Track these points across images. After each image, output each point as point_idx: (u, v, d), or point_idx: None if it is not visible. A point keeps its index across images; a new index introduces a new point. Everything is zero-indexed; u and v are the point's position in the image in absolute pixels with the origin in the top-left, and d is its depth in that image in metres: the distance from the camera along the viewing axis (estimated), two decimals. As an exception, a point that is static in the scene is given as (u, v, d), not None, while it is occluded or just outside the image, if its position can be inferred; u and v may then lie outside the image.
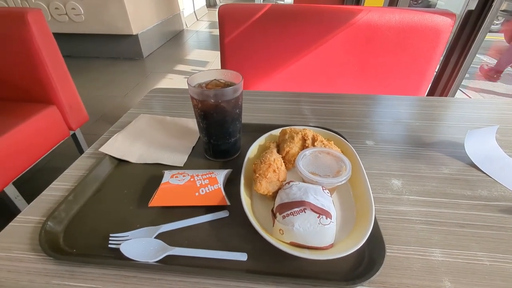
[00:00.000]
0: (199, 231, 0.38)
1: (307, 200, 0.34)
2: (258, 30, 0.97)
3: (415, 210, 0.42)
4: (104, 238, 0.36)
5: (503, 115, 0.67)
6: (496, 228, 0.39)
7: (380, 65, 0.98)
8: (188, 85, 0.44)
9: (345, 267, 0.33)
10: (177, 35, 4.02)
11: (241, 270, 0.33)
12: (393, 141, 0.57)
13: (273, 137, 0.53)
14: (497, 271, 0.33)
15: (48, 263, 0.34)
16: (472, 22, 0.97)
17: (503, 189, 0.45)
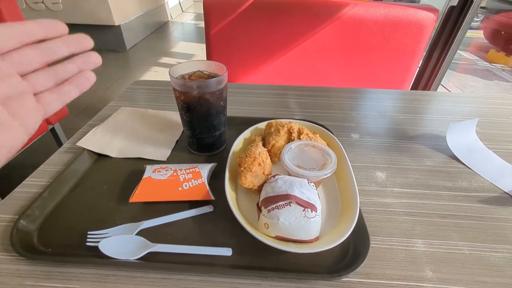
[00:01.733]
0: (183, 227, 0.37)
1: (292, 194, 0.33)
2: (244, 23, 0.95)
3: (399, 201, 0.42)
4: (82, 236, 0.35)
5: (482, 109, 0.69)
6: (475, 218, 0.40)
7: (366, 59, 0.98)
8: (170, 76, 0.42)
9: (330, 260, 0.33)
10: (162, 26, 3.92)
11: (226, 266, 0.33)
12: (378, 134, 0.58)
13: (258, 130, 0.52)
14: (476, 259, 0.34)
15: (21, 264, 0.32)
16: (454, 17, 0.99)
17: (482, 180, 0.47)
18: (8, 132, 0.24)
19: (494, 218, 0.40)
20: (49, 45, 0.26)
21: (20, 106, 0.25)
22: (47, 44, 0.26)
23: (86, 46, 0.27)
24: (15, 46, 0.25)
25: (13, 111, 0.24)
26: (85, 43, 0.27)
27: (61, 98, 0.27)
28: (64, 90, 0.27)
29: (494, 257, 0.35)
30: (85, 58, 0.28)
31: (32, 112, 0.26)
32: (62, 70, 0.27)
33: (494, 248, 0.36)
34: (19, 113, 0.25)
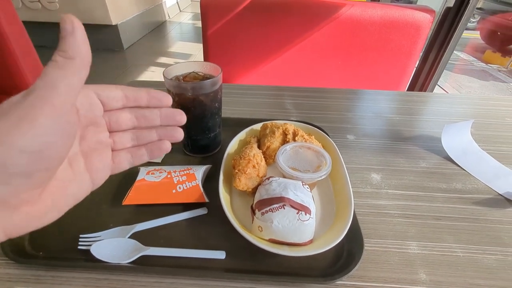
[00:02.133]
0: (176, 230, 0.37)
1: (286, 196, 0.33)
2: (241, 23, 0.95)
3: (393, 203, 0.42)
4: (74, 239, 0.34)
5: (478, 110, 0.69)
6: (469, 220, 0.40)
7: (363, 59, 0.98)
8: (164, 77, 0.42)
9: (324, 263, 0.33)
10: (159, 26, 3.90)
11: (219, 269, 0.33)
12: (374, 135, 0.58)
13: (254, 132, 0.52)
14: (470, 262, 0.34)
15: (11, 268, 0.32)
16: (450, 18, 1.00)
17: (476, 181, 0.47)
18: (79, 183, 0.24)
19: (488, 220, 0.40)
20: (146, 113, 0.27)
21: (97, 161, 0.25)
22: (144, 112, 0.27)
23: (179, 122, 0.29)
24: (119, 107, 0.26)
25: (90, 164, 0.25)
26: (179, 120, 0.28)
27: (133, 160, 0.28)
28: (138, 153, 0.28)
29: (487, 260, 0.35)
30: (169, 132, 0.29)
31: (105, 169, 0.26)
32: (145, 136, 0.28)
33: (487, 250, 0.36)
34: (94, 167, 0.25)
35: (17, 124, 0.17)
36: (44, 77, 0.18)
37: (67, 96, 0.19)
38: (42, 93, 0.18)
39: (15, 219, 0.19)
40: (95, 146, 0.25)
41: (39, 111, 0.17)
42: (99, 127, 0.26)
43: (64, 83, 0.18)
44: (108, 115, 0.26)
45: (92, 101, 0.24)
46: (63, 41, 0.19)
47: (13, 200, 0.18)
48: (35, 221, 0.20)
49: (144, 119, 0.27)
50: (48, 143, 0.18)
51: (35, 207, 0.20)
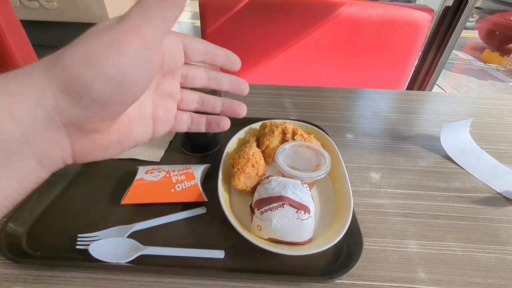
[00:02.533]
0: (175, 229, 0.37)
1: (285, 195, 0.33)
2: (240, 22, 0.95)
3: (392, 202, 0.42)
4: (72, 239, 0.34)
5: (476, 109, 0.69)
6: (468, 219, 0.40)
7: (361, 58, 0.98)
8: (163, 76, 0.42)
9: (323, 262, 0.33)
10: (158, 25, 3.89)
11: (218, 268, 0.32)
12: (373, 134, 0.58)
13: (253, 131, 0.51)
14: (469, 260, 0.34)
15: (9, 268, 0.32)
16: (449, 17, 1.00)
17: (475, 180, 0.47)
18: (142, 127, 0.24)
19: (487, 219, 0.40)
20: (217, 75, 0.28)
21: (163, 112, 0.25)
22: (216, 73, 0.28)
23: (243, 91, 0.30)
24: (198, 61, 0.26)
25: (156, 113, 0.25)
26: (243, 89, 0.29)
27: (191, 125, 0.29)
28: (198, 121, 0.29)
29: (486, 258, 0.35)
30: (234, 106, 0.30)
31: (167, 122, 0.26)
32: (211, 103, 0.29)
33: (486, 249, 0.36)
34: (158, 117, 0.25)
35: (107, 48, 0.17)
36: (139, 5, 0.18)
37: (159, 31, 0.18)
38: (135, 22, 0.18)
39: (84, 144, 0.20)
40: (165, 96, 0.25)
41: (129, 39, 0.17)
42: (174, 79, 0.26)
43: (158, 16, 0.18)
44: (186, 68, 0.26)
45: (177, 49, 0.24)
46: None
47: (87, 126, 0.19)
48: (99, 152, 0.21)
49: (215, 81, 0.28)
50: (130, 75, 0.18)
51: (103, 137, 0.20)
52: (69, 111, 0.17)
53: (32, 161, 0.17)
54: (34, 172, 0.18)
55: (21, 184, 0.17)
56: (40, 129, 0.17)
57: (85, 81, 0.17)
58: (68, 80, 0.17)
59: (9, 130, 0.16)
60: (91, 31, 0.18)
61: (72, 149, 0.19)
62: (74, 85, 0.17)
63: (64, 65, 0.17)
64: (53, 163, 0.19)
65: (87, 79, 0.17)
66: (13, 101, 0.16)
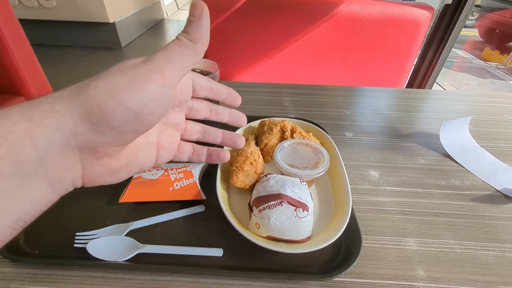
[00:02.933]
0: (173, 227, 0.37)
1: (284, 193, 0.33)
2: (239, 20, 0.95)
3: (391, 200, 0.42)
4: (70, 237, 0.34)
5: (476, 107, 0.69)
6: (467, 216, 0.40)
7: (361, 56, 0.98)
8: (161, 74, 0.42)
9: (322, 259, 0.33)
10: (157, 24, 3.88)
11: (216, 266, 0.32)
12: (372, 132, 0.58)
13: (251, 129, 0.51)
14: (468, 258, 0.34)
15: (6, 266, 0.32)
16: (449, 15, 0.99)
17: (475, 178, 0.47)
18: (147, 154, 0.26)
19: (486, 217, 0.40)
20: (219, 109, 0.31)
21: (167, 141, 0.27)
22: (217, 107, 0.31)
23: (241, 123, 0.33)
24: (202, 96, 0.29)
25: (161, 141, 0.27)
26: (241, 121, 0.33)
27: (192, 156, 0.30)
28: (199, 152, 0.31)
29: (485, 256, 0.35)
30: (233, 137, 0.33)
31: (170, 151, 0.28)
32: (211, 133, 0.31)
33: (485, 246, 0.36)
34: (162, 145, 0.27)
35: (132, 83, 0.19)
36: (165, 51, 0.21)
37: (179, 73, 0.21)
38: (159, 63, 0.20)
39: (95, 168, 0.21)
40: (171, 126, 0.27)
41: (152, 77, 0.20)
42: (181, 110, 0.28)
43: (180, 60, 0.21)
44: (192, 101, 0.28)
45: (188, 85, 0.27)
46: (190, 25, 0.21)
47: (100, 150, 0.20)
48: (108, 176, 0.22)
49: (216, 114, 0.31)
50: (148, 108, 0.20)
51: (113, 162, 0.22)
52: (86, 136, 0.19)
53: (45, 184, 0.18)
54: (45, 195, 0.19)
55: (32, 207, 0.18)
56: (56, 152, 0.18)
57: (106, 110, 0.18)
58: (91, 109, 0.18)
59: (27, 154, 0.17)
60: (118, 67, 0.20)
61: (83, 172, 0.20)
62: (96, 113, 0.18)
63: (89, 95, 0.18)
64: (63, 186, 0.20)
65: (108, 108, 0.18)
66: (34, 127, 0.17)
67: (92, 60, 2.74)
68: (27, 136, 0.17)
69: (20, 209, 0.18)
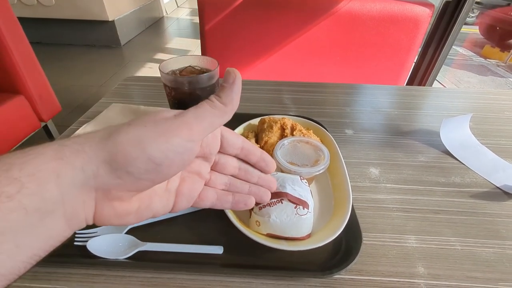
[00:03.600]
0: (173, 225, 0.37)
1: (284, 191, 0.33)
2: (239, 18, 0.94)
3: (392, 198, 0.42)
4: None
5: (476, 104, 0.69)
6: (468, 213, 0.40)
7: (361, 54, 0.98)
8: (160, 71, 0.41)
9: (322, 257, 0.33)
10: (157, 22, 3.87)
11: (217, 264, 0.32)
12: (372, 129, 0.58)
13: (251, 127, 0.51)
14: (468, 255, 0.34)
15: (6, 264, 0.32)
16: (449, 12, 0.99)
17: (475, 175, 0.47)
18: (164, 201, 0.25)
19: (486, 214, 0.40)
20: (249, 169, 0.29)
21: (188, 188, 0.26)
22: (248, 167, 0.29)
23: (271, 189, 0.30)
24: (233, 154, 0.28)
25: (181, 188, 0.26)
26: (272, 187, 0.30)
27: (216, 202, 0.28)
28: (224, 199, 0.29)
29: (485, 253, 0.35)
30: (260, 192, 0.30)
31: (190, 199, 0.27)
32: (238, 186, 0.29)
33: (485, 243, 0.36)
34: (182, 193, 0.26)
35: (160, 136, 0.20)
36: (196, 108, 0.22)
37: (205, 129, 0.22)
38: (189, 119, 0.21)
39: (105, 210, 0.21)
40: (194, 174, 0.27)
41: (179, 132, 0.20)
42: (206, 162, 0.27)
43: (209, 119, 0.22)
44: (219, 156, 0.28)
45: (215, 139, 0.26)
46: (222, 90, 0.23)
47: (113, 194, 0.20)
48: (116, 218, 0.22)
49: (245, 173, 0.29)
50: (169, 160, 0.20)
51: (123, 206, 0.22)
52: (104, 178, 0.19)
53: (62, 221, 0.19)
54: (62, 231, 0.19)
55: (49, 242, 0.19)
56: (76, 191, 0.19)
57: (129, 157, 0.19)
58: (115, 154, 0.19)
59: (51, 191, 0.17)
60: (151, 118, 0.21)
61: (94, 211, 0.21)
62: (119, 158, 0.19)
63: (116, 142, 0.19)
64: (78, 223, 0.20)
65: (132, 156, 0.19)
66: (62, 166, 0.18)
67: (91, 58, 2.73)
68: (54, 174, 0.17)
69: (39, 245, 0.18)
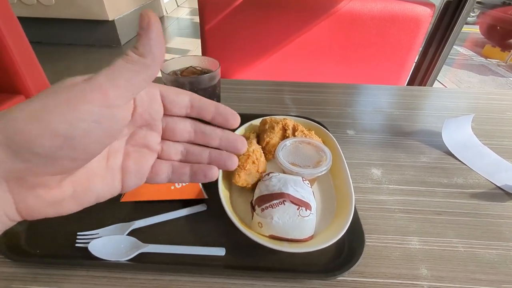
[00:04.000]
0: (175, 227, 0.36)
1: (286, 192, 0.33)
2: (240, 18, 0.94)
3: (394, 199, 0.42)
4: (71, 237, 0.34)
5: (478, 104, 0.68)
6: (471, 215, 0.39)
7: (362, 54, 0.98)
8: (162, 72, 0.41)
9: (325, 259, 0.33)
10: (157, 22, 3.86)
11: (219, 266, 0.32)
12: (374, 130, 0.57)
13: (253, 127, 0.51)
14: (471, 257, 0.34)
15: (7, 266, 0.32)
16: (450, 12, 0.99)
17: (478, 176, 0.46)
18: (107, 181, 0.22)
19: (489, 215, 0.39)
20: (207, 130, 0.25)
21: (136, 163, 0.23)
22: (205, 128, 0.25)
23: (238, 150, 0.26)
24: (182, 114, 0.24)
25: (127, 165, 0.23)
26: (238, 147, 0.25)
27: (172, 176, 0.25)
28: (180, 171, 0.25)
29: (489, 254, 0.34)
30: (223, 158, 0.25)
31: (140, 175, 0.24)
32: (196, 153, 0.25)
33: (489, 245, 0.35)
34: (129, 169, 0.23)
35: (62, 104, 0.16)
36: (109, 67, 0.18)
37: (126, 90, 0.18)
38: (101, 81, 0.17)
39: (29, 201, 0.18)
40: (140, 147, 0.23)
41: (88, 96, 0.17)
42: (152, 131, 0.24)
43: (125, 77, 0.18)
44: (166, 120, 0.24)
45: (154, 102, 0.22)
46: (139, 38, 0.19)
47: (30, 179, 0.17)
48: (50, 208, 0.19)
49: (203, 136, 0.25)
50: (84, 132, 0.17)
51: (52, 192, 0.19)
52: (8, 164, 0.16)
53: None
54: None
55: None
56: None
57: (29, 135, 0.16)
58: (11, 134, 0.16)
59: None
60: (54, 88, 0.17)
61: (16, 205, 0.18)
62: (17, 138, 0.16)
63: (9, 119, 0.16)
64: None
65: (31, 133, 0.16)
66: None
67: (91, 58, 2.73)
68: None
69: None
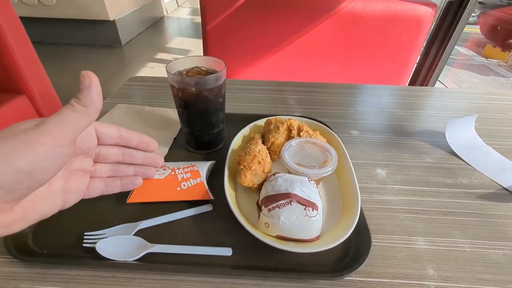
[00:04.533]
0: (182, 227, 0.36)
1: (293, 192, 0.33)
2: (241, 18, 0.94)
3: (399, 199, 0.42)
4: (78, 237, 0.34)
5: (481, 104, 0.69)
6: (476, 215, 0.40)
7: (364, 54, 0.98)
8: (167, 72, 0.41)
9: (331, 259, 0.33)
10: (157, 22, 3.86)
11: (226, 266, 0.32)
12: (377, 130, 0.57)
13: (258, 128, 0.51)
14: (478, 257, 0.34)
15: (15, 266, 0.32)
16: (452, 12, 0.99)
17: (482, 176, 0.46)
18: (51, 202, 0.26)
19: (494, 215, 0.40)
20: (132, 153, 0.32)
21: (74, 184, 0.28)
22: (131, 151, 0.32)
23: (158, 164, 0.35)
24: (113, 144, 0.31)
25: (67, 187, 0.27)
26: (158, 162, 0.35)
27: (106, 189, 0.31)
28: (112, 184, 0.31)
29: (495, 254, 0.34)
30: (146, 171, 0.34)
31: (79, 193, 0.29)
32: (123, 170, 0.32)
33: (495, 245, 0.36)
34: (69, 190, 0.27)
35: (21, 147, 0.20)
36: (57, 114, 0.22)
37: (71, 134, 0.22)
38: (51, 127, 0.21)
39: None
40: (77, 171, 0.28)
41: (42, 140, 0.20)
42: (88, 157, 0.29)
43: (72, 123, 0.22)
44: (99, 148, 0.30)
45: (89, 136, 0.28)
46: (81, 92, 0.23)
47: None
48: (2, 229, 0.22)
49: (130, 157, 0.32)
50: (41, 168, 0.21)
51: (5, 216, 0.22)
52: None
53: None
54: None
55: None
56: None
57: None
58: None
59: None
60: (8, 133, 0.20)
61: None
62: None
63: None
64: None
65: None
66: None
67: (92, 58, 2.73)
68: None
69: None
